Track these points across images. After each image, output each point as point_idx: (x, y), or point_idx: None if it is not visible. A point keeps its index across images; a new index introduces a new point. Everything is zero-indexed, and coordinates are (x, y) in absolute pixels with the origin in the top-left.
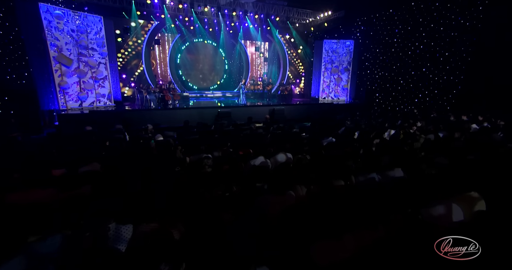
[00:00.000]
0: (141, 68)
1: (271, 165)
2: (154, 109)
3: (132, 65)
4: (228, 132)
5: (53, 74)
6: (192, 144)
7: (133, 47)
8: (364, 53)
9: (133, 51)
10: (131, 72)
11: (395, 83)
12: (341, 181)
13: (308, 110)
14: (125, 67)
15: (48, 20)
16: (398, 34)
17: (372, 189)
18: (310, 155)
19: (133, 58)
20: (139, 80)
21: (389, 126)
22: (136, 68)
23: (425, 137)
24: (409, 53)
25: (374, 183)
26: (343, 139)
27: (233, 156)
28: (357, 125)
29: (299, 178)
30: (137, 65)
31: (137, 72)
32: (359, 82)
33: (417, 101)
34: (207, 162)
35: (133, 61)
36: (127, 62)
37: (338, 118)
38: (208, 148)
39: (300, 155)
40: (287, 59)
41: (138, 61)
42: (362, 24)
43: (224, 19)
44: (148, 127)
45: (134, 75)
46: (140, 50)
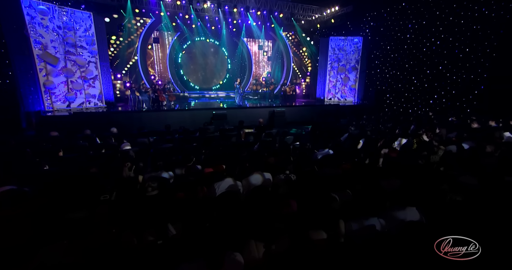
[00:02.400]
0: (131, 61)
1: (243, 189)
2: (144, 111)
3: (126, 64)
4: (210, 140)
5: (38, 73)
6: (166, 154)
7: (126, 45)
8: (373, 50)
9: (128, 49)
10: (124, 71)
11: (408, 83)
12: (322, 233)
13: (311, 112)
14: (118, 66)
15: (31, 16)
16: (412, 29)
17: (370, 245)
18: (296, 174)
19: (127, 57)
20: (134, 80)
21: (400, 132)
22: (132, 68)
23: (445, 148)
24: (423, 50)
25: (374, 233)
26: (343, 150)
27: (197, 176)
28: (363, 131)
29: (259, 228)
30: (133, 65)
31: (125, 68)
32: (368, 82)
33: (432, 102)
34: (150, 186)
35: (128, 60)
36: (121, 61)
37: (342, 122)
38: (171, 163)
39: (283, 174)
40: (291, 58)
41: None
42: (371, 19)
43: (225, 16)
44: (112, 132)
45: (124, 70)
46: (134, 49)
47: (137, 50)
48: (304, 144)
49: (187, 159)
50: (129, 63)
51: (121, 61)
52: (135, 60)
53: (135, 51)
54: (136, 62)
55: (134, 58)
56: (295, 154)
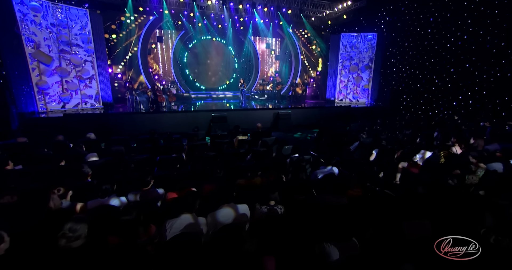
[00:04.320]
0: (130, 54)
1: (208, 228)
2: (137, 113)
3: (125, 56)
4: (194, 148)
5: (30, 73)
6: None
7: (124, 37)
8: (389, 47)
9: (128, 48)
10: (122, 63)
11: (428, 83)
12: None
13: (319, 115)
14: (116, 58)
15: (23, 13)
16: (434, 23)
17: None
18: (285, 205)
19: (125, 48)
20: (132, 75)
21: (423, 142)
22: (132, 60)
23: (487, 167)
24: (447, 46)
25: None
26: (351, 163)
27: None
28: (376, 139)
29: None
30: (133, 58)
31: (124, 60)
32: (382, 82)
33: (456, 104)
34: (69, 231)
35: (126, 53)
36: (119, 54)
37: (353, 127)
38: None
39: (266, 205)
40: (299, 56)
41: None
42: (387, 14)
43: (229, 13)
44: (88, 138)
45: (122, 63)
46: (133, 42)
47: (138, 51)
48: (302, 159)
49: (142, 182)
50: (127, 55)
51: (119, 53)
52: (134, 51)
53: (135, 42)
54: (136, 57)
55: (133, 49)
56: (290, 171)
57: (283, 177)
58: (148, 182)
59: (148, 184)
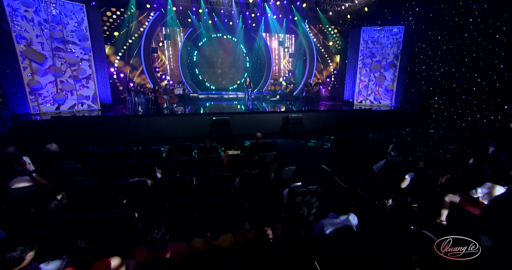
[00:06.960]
0: (129, 41)
1: None
2: (132, 116)
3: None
4: (173, 164)
5: (22, 72)
6: None
7: (127, 42)
8: (418, 42)
9: (130, 46)
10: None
11: (467, 82)
12: None
13: (335, 119)
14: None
15: (13, 7)
16: (477, 11)
17: None
18: None
19: (128, 53)
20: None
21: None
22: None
23: None
24: (496, 37)
25: None
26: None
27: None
28: (409, 157)
29: None
30: (134, 64)
31: (122, 50)
32: (409, 82)
33: (507, 108)
34: None
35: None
36: (120, 58)
37: (376, 138)
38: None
39: None
40: (314, 54)
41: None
42: (416, 4)
43: (242, 9)
44: (49, 150)
45: (120, 65)
46: (138, 45)
47: (141, 49)
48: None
49: None
50: (126, 43)
51: (119, 51)
52: (137, 49)
53: (137, 40)
54: (139, 55)
55: (136, 47)
56: (285, 215)
57: (270, 233)
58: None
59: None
